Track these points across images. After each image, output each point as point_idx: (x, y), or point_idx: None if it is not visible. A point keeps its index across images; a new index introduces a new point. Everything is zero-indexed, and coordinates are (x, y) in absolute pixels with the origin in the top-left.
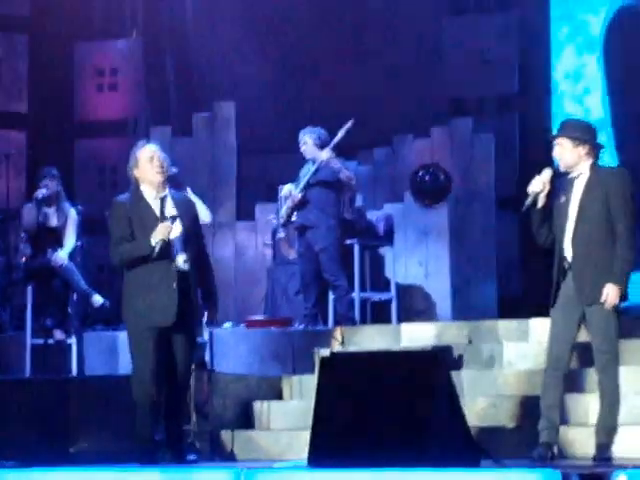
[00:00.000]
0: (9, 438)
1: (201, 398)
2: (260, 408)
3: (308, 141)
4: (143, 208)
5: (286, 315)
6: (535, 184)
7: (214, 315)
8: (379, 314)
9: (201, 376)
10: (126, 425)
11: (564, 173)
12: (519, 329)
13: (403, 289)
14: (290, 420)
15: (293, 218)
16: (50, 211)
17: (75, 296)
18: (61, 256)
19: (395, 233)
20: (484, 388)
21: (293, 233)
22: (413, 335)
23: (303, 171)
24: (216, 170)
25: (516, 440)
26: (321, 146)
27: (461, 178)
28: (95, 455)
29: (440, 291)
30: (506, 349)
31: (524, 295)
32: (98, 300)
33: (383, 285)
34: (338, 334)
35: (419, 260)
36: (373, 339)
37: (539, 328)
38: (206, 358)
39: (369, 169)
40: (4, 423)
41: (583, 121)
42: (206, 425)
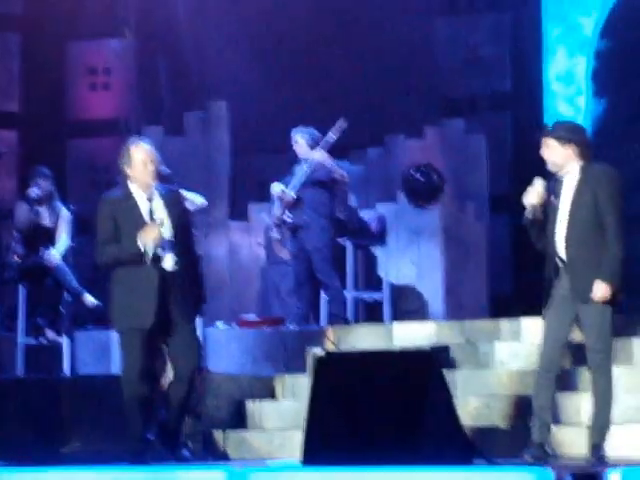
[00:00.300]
0: (1, 438)
1: (194, 398)
2: (253, 408)
3: (300, 141)
4: (131, 207)
5: (279, 315)
6: (530, 196)
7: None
8: (371, 314)
9: None
10: (118, 425)
11: (554, 176)
12: (511, 329)
13: (396, 289)
14: (283, 420)
15: (286, 218)
16: (43, 210)
17: (67, 296)
18: (54, 255)
19: (388, 233)
20: (477, 388)
21: (286, 233)
22: (405, 335)
23: (296, 171)
24: (209, 170)
25: (509, 439)
26: (313, 146)
27: (454, 178)
28: (87, 455)
29: (432, 291)
30: (498, 349)
31: (516, 295)
32: (90, 300)
33: (375, 285)
34: (331, 334)
35: (411, 260)
36: (365, 339)
37: (531, 328)
38: None
39: (362, 169)
40: None
41: (570, 122)
42: (199, 425)
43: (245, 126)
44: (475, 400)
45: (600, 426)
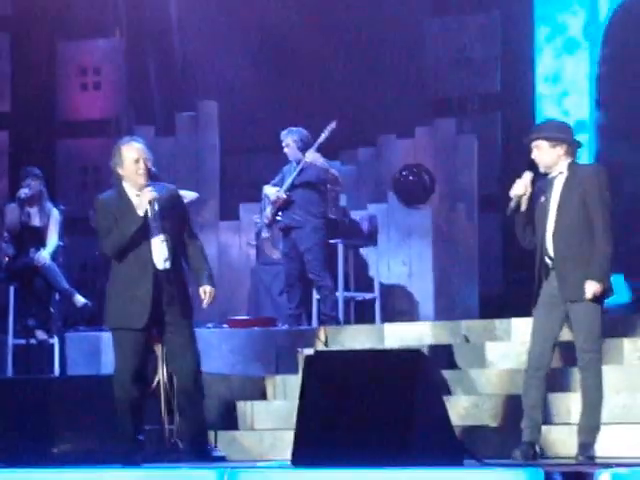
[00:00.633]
0: None
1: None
2: (244, 408)
3: (290, 143)
4: (126, 206)
5: (269, 315)
6: (517, 187)
7: (208, 299)
8: (363, 314)
9: None
10: (108, 425)
11: (544, 174)
12: (501, 328)
13: (387, 289)
14: (274, 420)
15: (278, 218)
16: (33, 211)
17: (57, 296)
18: (44, 256)
19: (379, 233)
20: (467, 387)
21: (277, 233)
22: (396, 335)
23: (285, 171)
24: (199, 170)
25: (499, 439)
26: (304, 147)
27: (444, 178)
28: (77, 455)
29: (423, 291)
30: (488, 348)
31: (506, 294)
32: (80, 300)
33: (367, 285)
34: (322, 334)
35: (403, 260)
36: (356, 339)
37: (521, 327)
38: None
39: (353, 169)
40: None
41: (558, 121)
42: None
43: (236, 126)
44: (465, 400)
45: (590, 426)
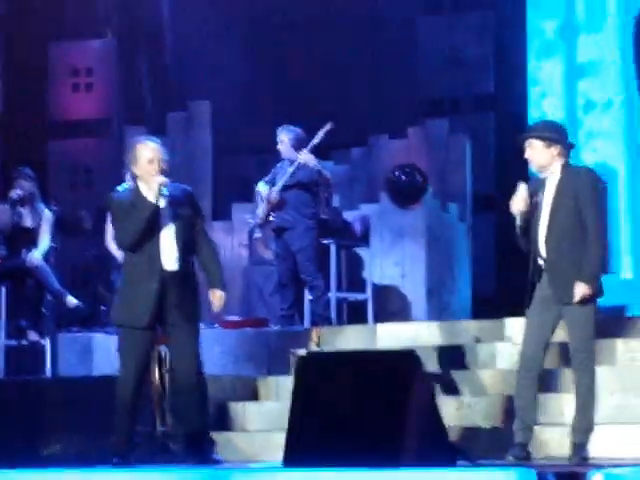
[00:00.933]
0: None
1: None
2: (236, 409)
3: (285, 140)
4: (139, 202)
5: (262, 316)
6: (517, 204)
7: (218, 303)
8: (355, 314)
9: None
10: (100, 427)
11: (536, 177)
12: (494, 329)
13: (379, 289)
14: (266, 421)
15: (271, 219)
16: (24, 212)
17: (49, 297)
18: (35, 257)
19: (371, 233)
20: (459, 388)
21: (270, 234)
22: (389, 335)
23: (278, 170)
24: (191, 170)
25: (491, 440)
26: (298, 146)
27: (437, 178)
28: (68, 457)
29: (416, 291)
30: (481, 349)
31: (499, 295)
32: (72, 301)
33: (359, 285)
34: (314, 335)
35: (395, 260)
36: (349, 339)
37: (514, 328)
38: None
39: (345, 169)
40: None
41: (553, 121)
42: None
43: (228, 126)
44: (458, 400)
45: (583, 427)
